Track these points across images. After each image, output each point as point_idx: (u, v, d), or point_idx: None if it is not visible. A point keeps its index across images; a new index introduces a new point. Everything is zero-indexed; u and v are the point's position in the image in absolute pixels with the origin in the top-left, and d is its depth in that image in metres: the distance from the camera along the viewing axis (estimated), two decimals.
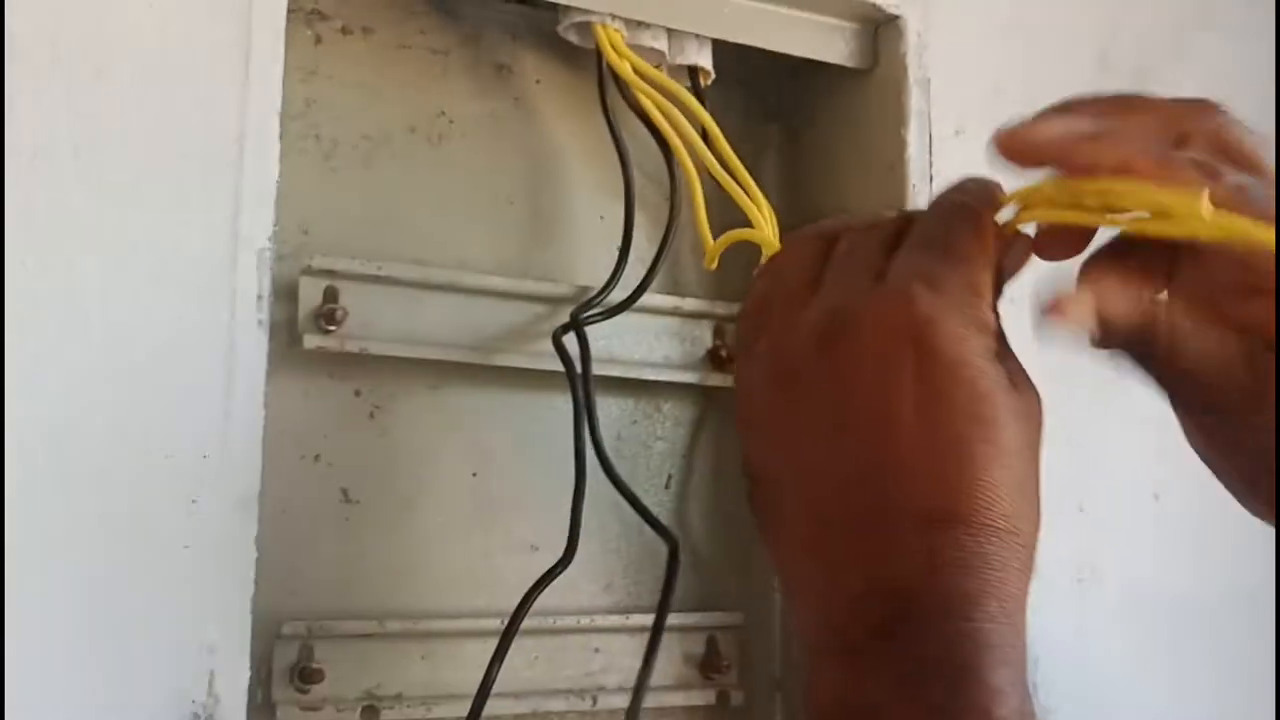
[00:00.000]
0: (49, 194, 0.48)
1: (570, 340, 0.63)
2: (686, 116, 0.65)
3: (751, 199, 0.65)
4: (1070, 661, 0.69)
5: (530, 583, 0.65)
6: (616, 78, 0.64)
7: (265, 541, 0.52)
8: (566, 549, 0.61)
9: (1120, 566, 0.71)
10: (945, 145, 0.68)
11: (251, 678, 0.51)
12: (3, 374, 0.47)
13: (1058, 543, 0.67)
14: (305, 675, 0.58)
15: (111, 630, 0.47)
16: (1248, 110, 0.78)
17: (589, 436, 0.63)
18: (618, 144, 0.66)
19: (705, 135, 0.67)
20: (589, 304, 0.65)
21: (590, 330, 0.64)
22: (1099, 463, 0.71)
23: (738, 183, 0.65)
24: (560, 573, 0.61)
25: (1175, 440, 0.74)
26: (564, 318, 0.65)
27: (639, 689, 0.60)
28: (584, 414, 0.63)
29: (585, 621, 0.66)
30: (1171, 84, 0.77)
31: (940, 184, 0.67)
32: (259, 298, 0.51)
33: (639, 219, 0.70)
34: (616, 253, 0.70)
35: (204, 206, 0.51)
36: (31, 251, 0.48)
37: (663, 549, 0.69)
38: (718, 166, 0.65)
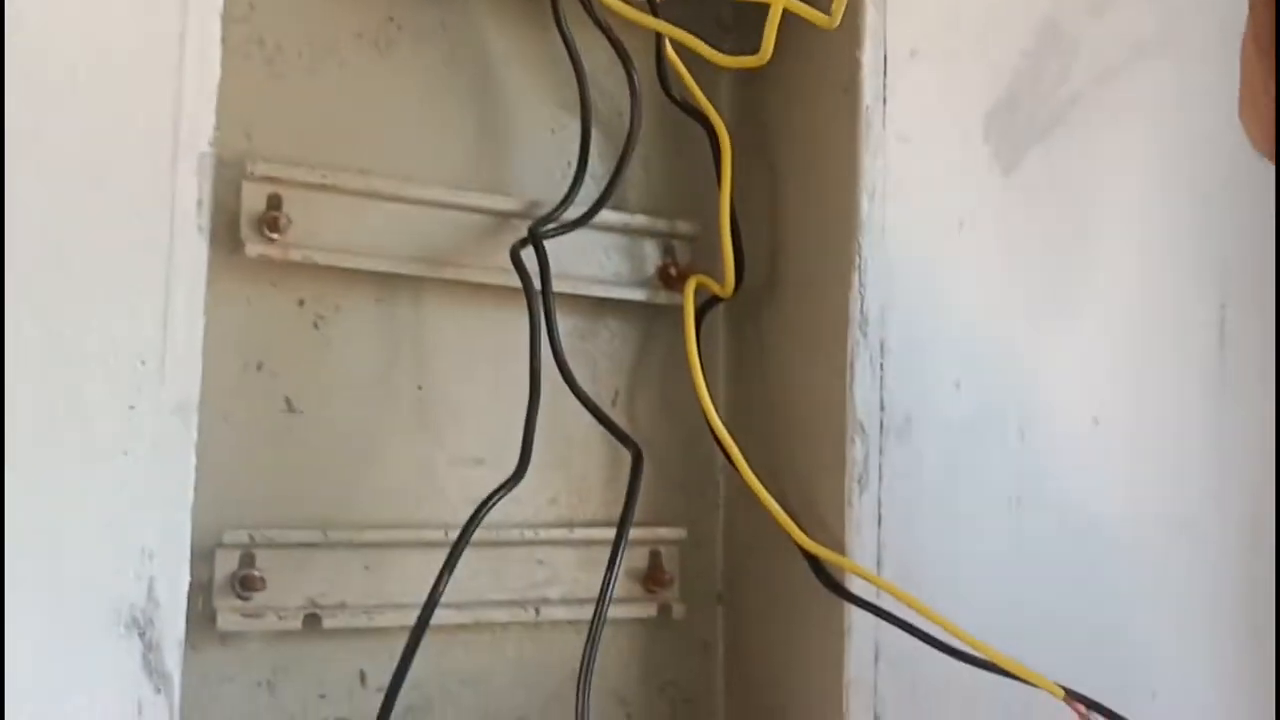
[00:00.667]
0: None
1: (526, 256, 0.63)
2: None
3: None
4: (1006, 583, 0.70)
5: (474, 496, 0.65)
6: None
7: (207, 450, 0.51)
8: (519, 463, 0.61)
9: (1058, 491, 0.72)
10: (900, 67, 0.68)
11: (192, 585, 0.51)
12: None
13: (996, 466, 0.69)
14: (246, 583, 0.58)
15: (49, 536, 0.47)
16: (1204, 40, 0.78)
17: (550, 350, 0.63)
18: (573, 57, 0.65)
19: (660, 51, 0.66)
20: (547, 219, 0.64)
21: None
22: (1038, 388, 0.72)
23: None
24: (513, 487, 0.61)
25: (1115, 365, 0.76)
26: (512, 233, 0.65)
27: (603, 597, 0.60)
28: (540, 329, 0.62)
29: (530, 534, 0.66)
30: (1129, 13, 0.77)
31: (894, 106, 0.67)
32: (199, 203, 0.51)
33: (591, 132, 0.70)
34: (566, 167, 0.70)
35: (143, 109, 0.50)
36: None
37: (609, 463, 0.70)
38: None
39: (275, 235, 0.59)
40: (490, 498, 0.60)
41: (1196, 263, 0.80)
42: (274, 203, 0.59)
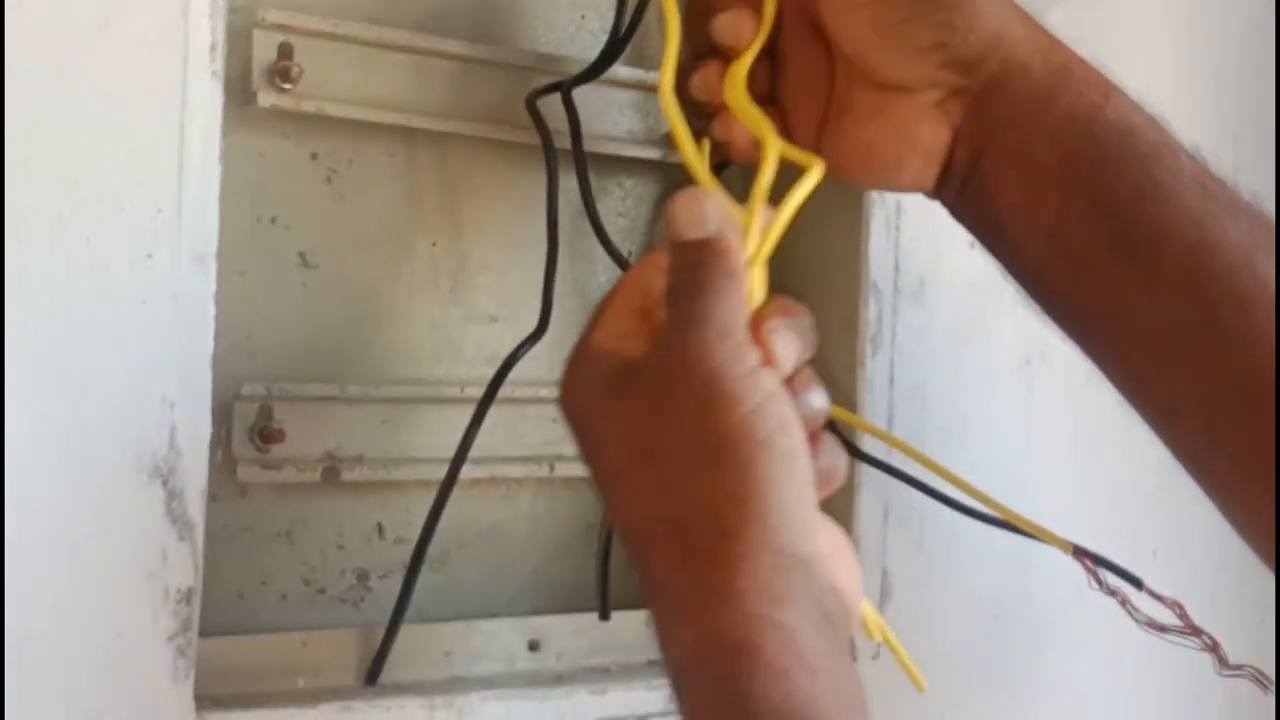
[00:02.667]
0: None
1: (549, 110, 0.62)
2: None
3: None
4: (1017, 442, 0.71)
5: (490, 353, 0.65)
6: None
7: (223, 303, 0.51)
8: (540, 320, 0.62)
9: (1067, 354, 0.72)
10: None
11: (211, 436, 0.51)
12: None
13: (1007, 329, 0.69)
14: (265, 435, 0.59)
15: (70, 384, 0.47)
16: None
17: (585, 205, 0.63)
18: None
19: None
20: (582, 77, 0.63)
21: (550, 102, 0.63)
22: None
23: None
24: (534, 344, 0.61)
25: None
26: (527, 86, 0.63)
27: None
28: (556, 184, 0.62)
29: (545, 392, 0.66)
30: None
31: None
32: (212, 47, 0.50)
33: None
34: (580, 20, 0.69)
35: None
36: None
37: None
38: None
39: (288, 85, 0.58)
40: (513, 355, 0.60)
41: (1209, 122, 0.79)
42: (285, 52, 0.58)
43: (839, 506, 0.65)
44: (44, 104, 0.47)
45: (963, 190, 0.52)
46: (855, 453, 0.64)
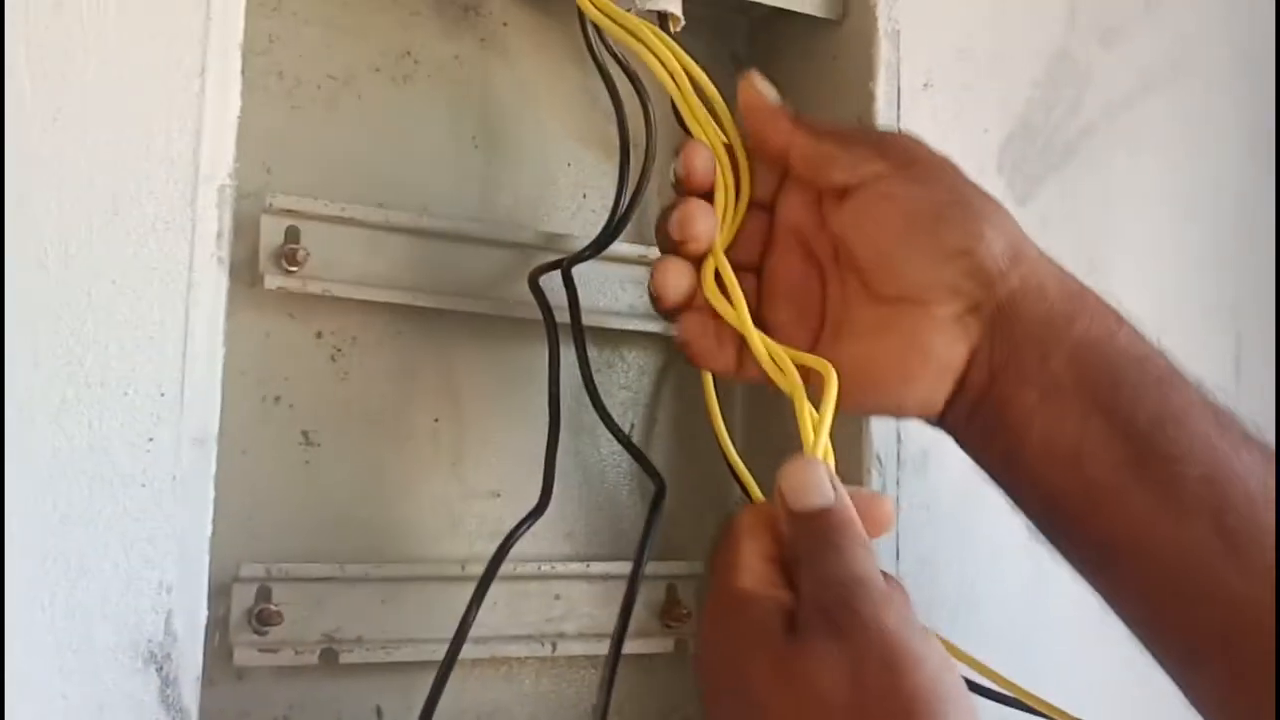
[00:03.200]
0: (5, 126, 0.47)
1: (551, 287, 0.63)
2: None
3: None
4: (1027, 616, 0.69)
5: (492, 529, 0.65)
6: (588, 21, 0.63)
7: (224, 483, 0.51)
8: (542, 496, 0.61)
9: None
10: (913, 98, 0.68)
11: (209, 619, 0.51)
12: None
13: None
14: (263, 617, 0.58)
15: (67, 568, 0.47)
16: (1216, 70, 0.78)
17: (572, 381, 0.63)
18: (609, 87, 0.65)
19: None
20: (578, 255, 0.64)
21: (553, 278, 0.64)
22: None
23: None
24: (535, 520, 0.61)
25: None
26: (529, 264, 0.64)
27: (619, 635, 0.60)
28: (558, 358, 0.62)
29: (546, 568, 0.66)
30: (1140, 43, 0.77)
31: None
32: (219, 235, 0.51)
33: (604, 165, 0.70)
34: (582, 199, 0.70)
35: (164, 141, 0.50)
36: None
37: (624, 496, 0.70)
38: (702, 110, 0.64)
39: (294, 268, 0.59)
40: (514, 531, 0.59)
41: (1209, 296, 0.80)
42: (293, 235, 0.60)
43: None
44: (50, 289, 0.48)
45: (974, 413, 0.51)
46: None
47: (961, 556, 0.68)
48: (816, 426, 0.49)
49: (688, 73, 0.58)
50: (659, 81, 0.58)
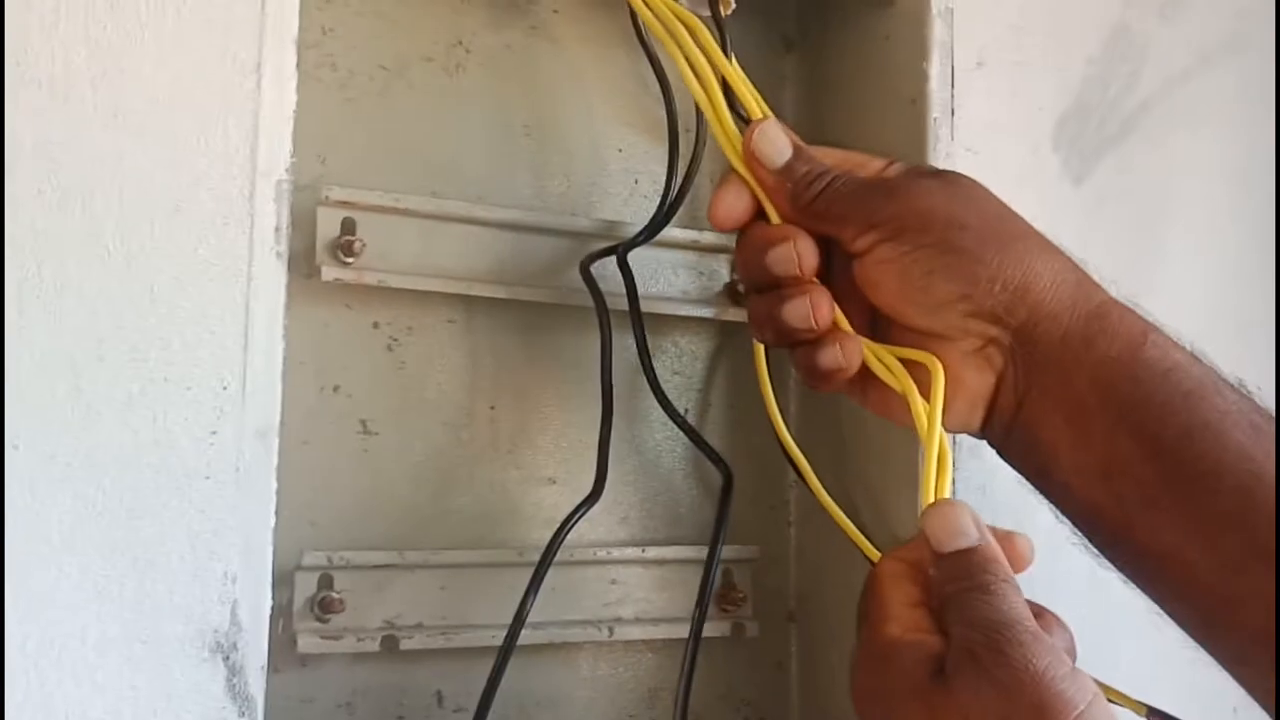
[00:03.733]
0: (67, 126, 0.48)
1: (605, 273, 0.64)
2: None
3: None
4: (1087, 597, 0.69)
5: (548, 516, 0.66)
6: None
7: (285, 473, 0.52)
8: (596, 483, 0.62)
9: None
10: (967, 78, 0.67)
11: (273, 608, 0.51)
12: (1, 307, 0.47)
13: None
14: (325, 605, 0.59)
15: (134, 561, 0.48)
16: (1259, 62, 0.76)
17: (643, 366, 0.64)
18: (659, 75, 0.65)
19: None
20: (633, 241, 0.64)
21: (606, 265, 0.64)
22: None
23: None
24: (590, 508, 0.61)
25: None
26: (582, 251, 0.65)
27: (697, 625, 0.61)
28: (610, 347, 0.62)
29: (603, 554, 0.66)
30: (1199, 16, 0.76)
31: (961, 117, 0.67)
32: (277, 230, 0.51)
33: (656, 150, 0.70)
34: (634, 185, 0.70)
35: (221, 137, 0.50)
36: (49, 182, 0.47)
37: (679, 481, 0.70)
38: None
39: (350, 259, 0.59)
40: (569, 518, 0.60)
41: (1265, 270, 0.79)
42: (348, 227, 0.60)
43: None
44: (114, 286, 0.48)
45: (1009, 433, 0.52)
46: None
47: None
48: (931, 422, 0.49)
49: (723, 75, 0.57)
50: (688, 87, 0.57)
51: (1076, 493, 0.51)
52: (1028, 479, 0.54)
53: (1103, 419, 0.49)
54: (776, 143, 0.53)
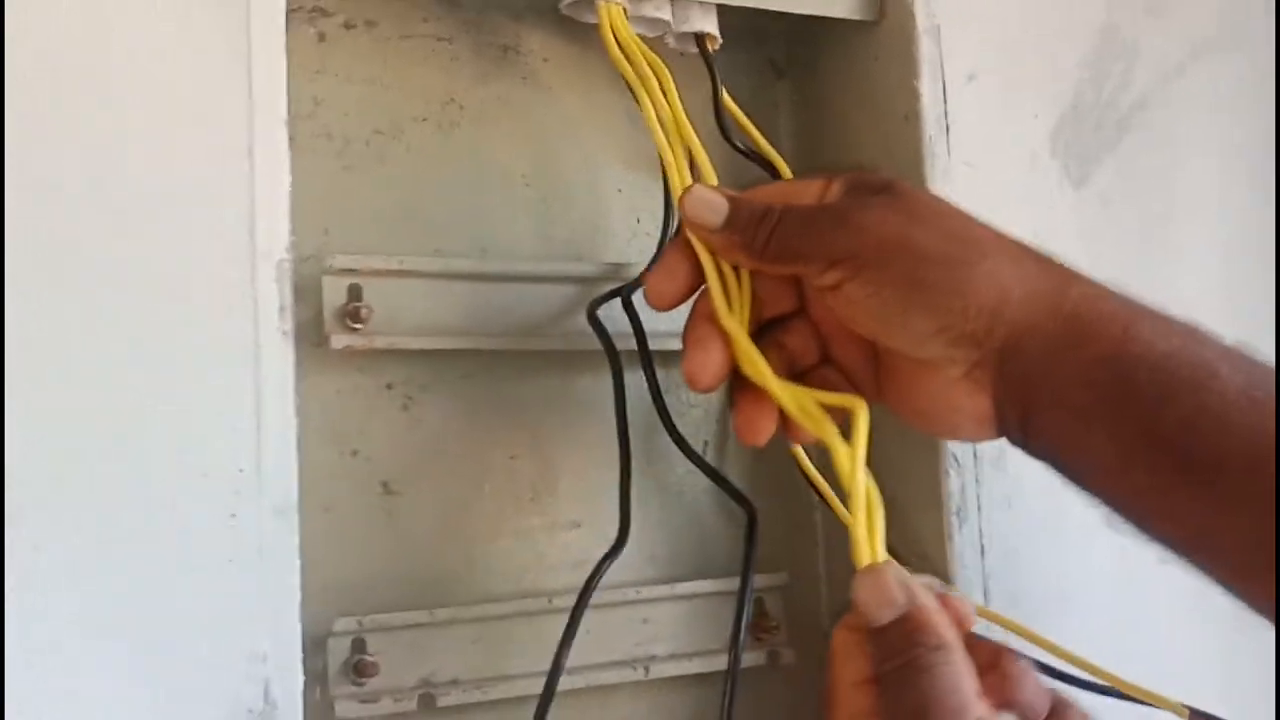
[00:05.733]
0: (63, 226, 0.49)
1: (610, 317, 0.64)
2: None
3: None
4: (1116, 603, 0.69)
5: (575, 559, 0.66)
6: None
7: (310, 541, 0.53)
8: (620, 530, 0.62)
9: None
10: (959, 92, 0.67)
11: (307, 676, 0.52)
12: (2, 400, 0.48)
13: None
14: (360, 669, 0.59)
15: (162, 648, 0.49)
16: (1266, 30, 0.76)
17: (656, 406, 0.64)
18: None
19: (717, 102, 0.66)
20: (637, 282, 0.65)
21: (613, 306, 0.64)
22: None
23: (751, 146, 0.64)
24: (616, 556, 0.61)
25: None
26: (589, 295, 0.65)
27: (734, 660, 0.61)
28: (623, 391, 0.63)
29: (633, 594, 0.66)
30: (1186, 9, 0.76)
31: (957, 132, 0.67)
32: (281, 309, 0.52)
33: (654, 186, 0.70)
34: (636, 224, 0.71)
35: (219, 223, 0.51)
36: (49, 285, 0.48)
37: (703, 514, 0.71)
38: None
39: (359, 325, 0.60)
40: (597, 569, 0.60)
41: (1270, 258, 0.78)
42: (355, 293, 0.61)
43: None
44: (125, 379, 0.49)
45: (1026, 441, 0.52)
46: None
47: (1048, 548, 0.67)
48: (854, 471, 0.49)
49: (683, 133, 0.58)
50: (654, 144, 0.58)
51: (1097, 487, 0.51)
52: (1058, 474, 0.53)
53: (1103, 420, 0.49)
54: (711, 202, 0.53)
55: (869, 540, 0.47)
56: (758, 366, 0.52)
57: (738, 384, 0.54)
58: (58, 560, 0.47)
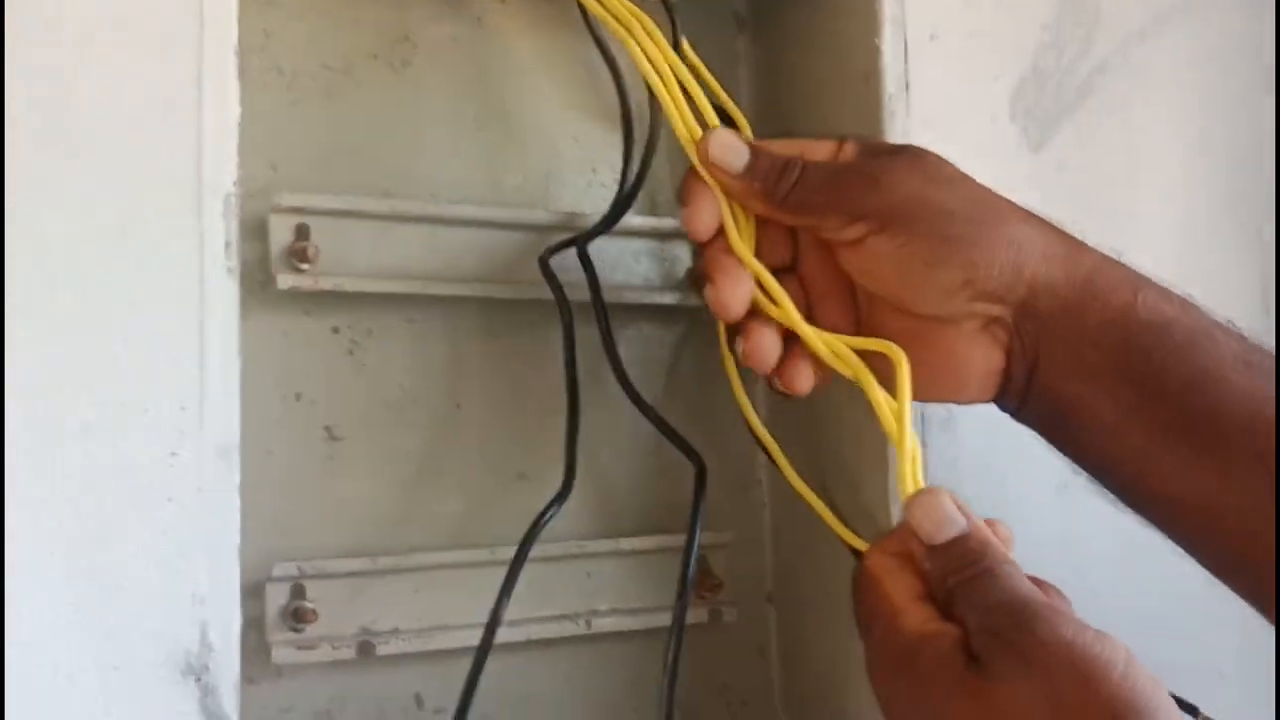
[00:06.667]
0: (11, 151, 0.47)
1: (566, 265, 0.63)
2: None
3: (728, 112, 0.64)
4: (1057, 568, 0.69)
5: (520, 510, 0.65)
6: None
7: (251, 484, 0.51)
8: (565, 479, 0.61)
9: None
10: (921, 51, 0.67)
11: (245, 621, 0.51)
12: None
13: (1041, 454, 0.68)
14: (299, 615, 0.58)
15: (100, 588, 0.47)
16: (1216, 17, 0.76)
17: (609, 357, 0.64)
18: (609, 62, 0.64)
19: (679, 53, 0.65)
20: (593, 231, 0.64)
21: (566, 257, 0.63)
22: None
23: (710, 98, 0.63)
24: (560, 506, 0.61)
25: None
26: (540, 245, 0.64)
27: (679, 615, 0.61)
28: (573, 342, 0.62)
29: (576, 548, 0.66)
30: None
31: (916, 91, 0.67)
32: (227, 245, 0.50)
33: (612, 137, 0.69)
34: (592, 174, 0.70)
35: (166, 154, 0.49)
36: None
37: (647, 470, 0.70)
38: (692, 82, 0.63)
39: (305, 265, 0.59)
40: (540, 517, 0.60)
41: (1237, 226, 0.79)
42: (302, 233, 0.59)
43: None
44: (65, 313, 0.47)
45: (1024, 401, 0.54)
46: None
47: (991, 510, 0.67)
48: (898, 416, 0.50)
49: (677, 73, 0.57)
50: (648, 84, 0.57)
51: (1095, 449, 0.53)
52: (1045, 438, 0.55)
53: (1109, 380, 0.51)
54: (733, 147, 0.54)
55: (913, 473, 0.49)
56: (787, 309, 0.54)
57: (750, 324, 0.55)
58: (4, 497, 0.46)
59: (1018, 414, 0.55)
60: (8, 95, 0.47)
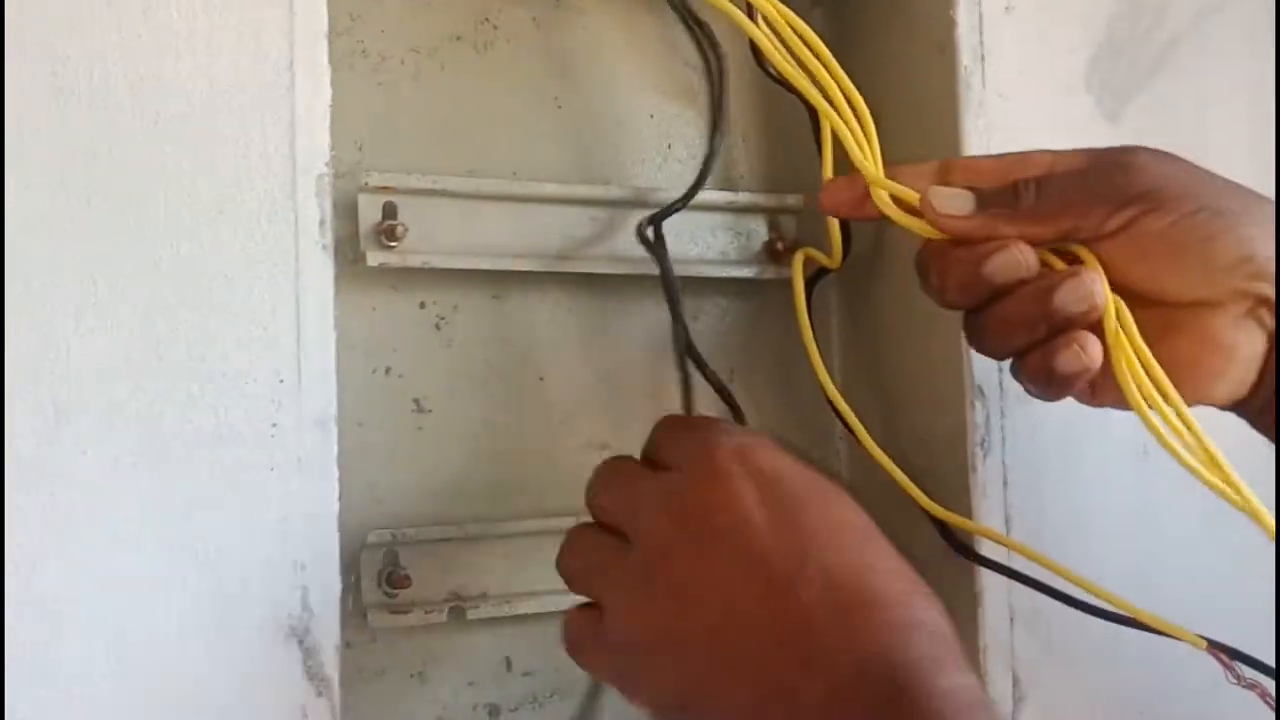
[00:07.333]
0: (109, 134, 0.49)
1: (634, 243, 0.64)
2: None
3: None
4: (1137, 536, 0.70)
5: None
6: None
7: (344, 455, 0.53)
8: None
9: None
10: (996, 23, 0.67)
11: (342, 587, 0.53)
12: None
13: (1120, 419, 0.68)
14: (392, 580, 0.60)
15: (204, 557, 0.49)
16: None
17: (683, 334, 0.64)
18: (699, 33, 0.65)
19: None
20: (671, 208, 0.65)
21: (632, 233, 0.65)
22: None
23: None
24: None
25: None
26: (619, 220, 0.66)
27: None
28: (679, 307, 0.62)
29: None
30: None
31: (991, 63, 0.67)
32: (321, 223, 0.52)
33: (687, 114, 0.71)
34: (667, 150, 0.71)
35: (260, 137, 0.51)
36: (98, 192, 0.49)
37: None
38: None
39: (393, 243, 0.61)
40: None
41: None
42: (390, 211, 0.61)
43: (963, 614, 0.65)
44: (168, 289, 0.50)
45: (1271, 397, 0.52)
46: (975, 558, 0.64)
47: (1069, 482, 0.68)
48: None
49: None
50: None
51: None
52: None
53: None
54: (950, 195, 0.54)
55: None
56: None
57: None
58: (104, 462, 0.48)
59: (1265, 411, 0.52)
60: (106, 77, 0.49)
